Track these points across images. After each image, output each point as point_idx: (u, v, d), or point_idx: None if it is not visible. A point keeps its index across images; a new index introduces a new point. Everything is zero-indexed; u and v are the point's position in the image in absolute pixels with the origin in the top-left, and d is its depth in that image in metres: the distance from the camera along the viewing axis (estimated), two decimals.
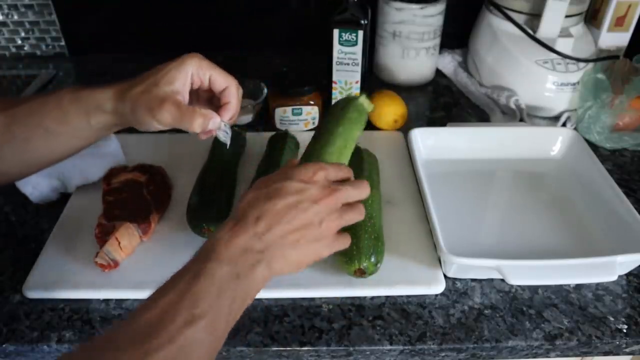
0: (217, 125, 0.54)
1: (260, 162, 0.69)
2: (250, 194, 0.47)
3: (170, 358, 0.37)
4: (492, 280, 0.59)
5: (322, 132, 0.57)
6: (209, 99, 0.57)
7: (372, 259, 0.55)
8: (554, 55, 0.82)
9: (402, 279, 0.57)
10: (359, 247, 0.55)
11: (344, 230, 0.50)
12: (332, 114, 0.59)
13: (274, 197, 0.46)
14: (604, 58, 0.83)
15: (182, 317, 0.39)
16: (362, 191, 0.51)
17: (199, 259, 0.43)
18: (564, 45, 0.82)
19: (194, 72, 0.52)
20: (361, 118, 0.59)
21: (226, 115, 0.55)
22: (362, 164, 0.66)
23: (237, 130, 0.73)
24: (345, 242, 0.50)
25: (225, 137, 0.55)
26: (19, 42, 1.03)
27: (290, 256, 0.46)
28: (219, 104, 0.56)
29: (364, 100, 0.60)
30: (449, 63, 0.99)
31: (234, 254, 0.43)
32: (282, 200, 0.46)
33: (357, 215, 0.50)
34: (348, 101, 0.60)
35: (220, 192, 0.63)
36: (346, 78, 0.79)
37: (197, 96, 0.57)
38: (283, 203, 0.46)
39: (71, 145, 0.55)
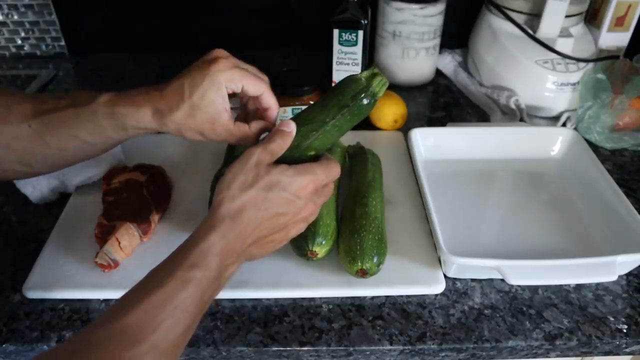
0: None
1: None
2: (250, 193, 0.47)
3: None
4: (492, 280, 0.59)
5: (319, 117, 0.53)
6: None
7: (375, 260, 0.54)
8: (554, 55, 0.82)
9: (402, 279, 0.57)
10: (363, 248, 0.55)
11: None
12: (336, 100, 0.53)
13: (270, 207, 0.47)
14: (604, 58, 0.83)
15: (165, 324, 0.40)
16: (334, 176, 0.52)
17: (188, 262, 0.43)
18: (564, 45, 0.82)
19: (226, 85, 0.53)
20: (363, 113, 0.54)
21: (273, 118, 0.57)
22: (366, 164, 0.66)
23: None
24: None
25: None
26: (19, 42, 1.03)
27: (264, 252, 0.50)
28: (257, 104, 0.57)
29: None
30: (449, 63, 0.99)
31: (223, 260, 0.45)
32: (276, 215, 0.48)
33: (325, 199, 0.52)
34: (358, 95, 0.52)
35: None
36: None
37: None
38: (276, 219, 0.48)
39: (104, 150, 0.57)
